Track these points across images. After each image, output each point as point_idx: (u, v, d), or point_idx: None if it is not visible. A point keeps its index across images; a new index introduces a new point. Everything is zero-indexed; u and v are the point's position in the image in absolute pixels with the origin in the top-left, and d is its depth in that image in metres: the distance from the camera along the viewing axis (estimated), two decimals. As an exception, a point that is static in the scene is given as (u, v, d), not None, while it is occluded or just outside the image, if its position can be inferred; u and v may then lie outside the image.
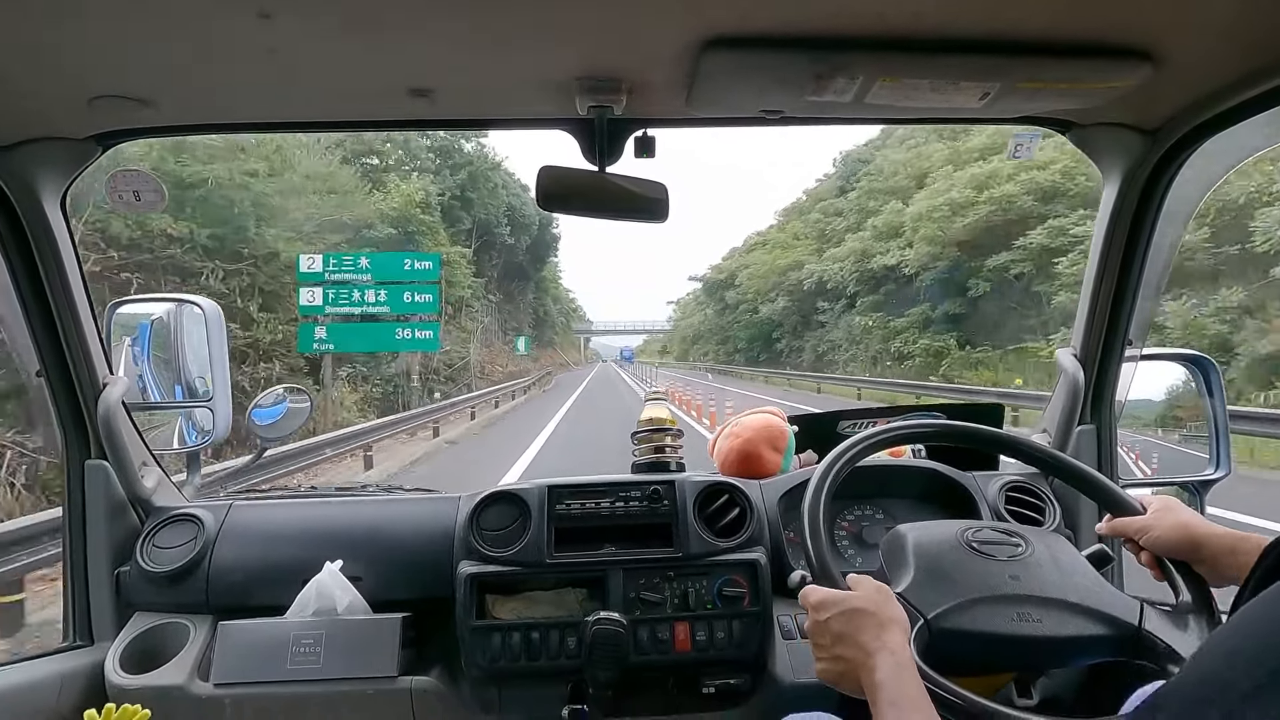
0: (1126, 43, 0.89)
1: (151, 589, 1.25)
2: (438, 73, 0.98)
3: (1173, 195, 1.21)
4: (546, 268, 51.99)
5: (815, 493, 0.94)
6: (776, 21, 0.83)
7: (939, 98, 0.95)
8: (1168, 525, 0.90)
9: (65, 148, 1.12)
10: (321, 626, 1.20)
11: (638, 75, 0.98)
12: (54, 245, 1.16)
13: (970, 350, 22.97)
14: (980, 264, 22.83)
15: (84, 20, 0.79)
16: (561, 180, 1.08)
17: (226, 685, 1.16)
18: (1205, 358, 1.51)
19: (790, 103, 1.01)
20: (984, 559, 0.90)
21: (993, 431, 1.12)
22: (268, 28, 0.81)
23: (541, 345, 53.02)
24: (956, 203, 23.67)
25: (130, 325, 1.45)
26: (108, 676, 1.17)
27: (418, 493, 1.52)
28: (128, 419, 1.30)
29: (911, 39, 0.86)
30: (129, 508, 1.30)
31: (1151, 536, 0.90)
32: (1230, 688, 0.44)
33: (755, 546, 1.26)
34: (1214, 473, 1.47)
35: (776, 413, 1.50)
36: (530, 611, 1.23)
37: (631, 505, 1.28)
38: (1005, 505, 1.34)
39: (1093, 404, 1.38)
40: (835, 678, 0.79)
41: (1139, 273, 1.28)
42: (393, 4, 0.78)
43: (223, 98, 1.07)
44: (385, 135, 21.50)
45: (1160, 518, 0.91)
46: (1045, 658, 0.90)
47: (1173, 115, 1.10)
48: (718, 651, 1.20)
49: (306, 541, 1.30)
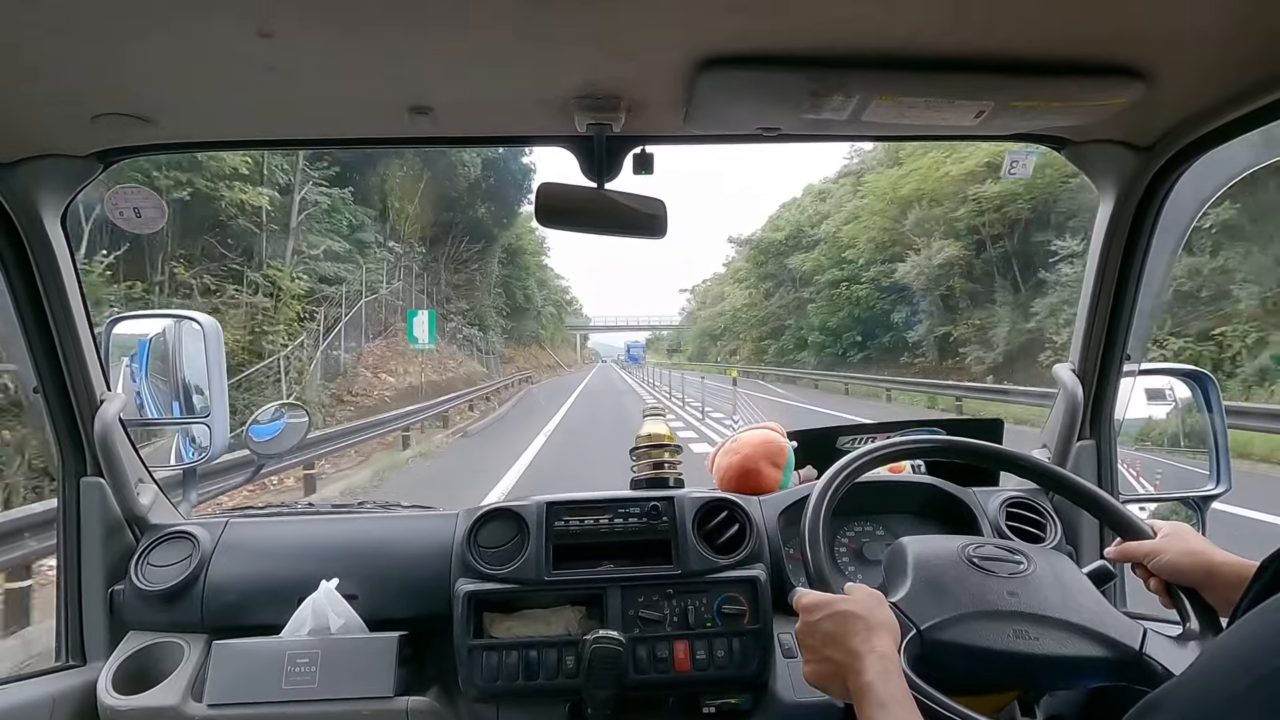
0: (1120, 61, 0.90)
1: (145, 608, 1.24)
2: (438, 90, 0.99)
3: (1168, 211, 1.22)
4: (522, 232, 36.92)
5: (815, 507, 0.94)
6: (773, 41, 0.84)
7: (935, 115, 0.96)
8: (1179, 551, 0.89)
9: (66, 165, 1.12)
10: (317, 646, 1.18)
11: (636, 93, 0.99)
12: (53, 262, 1.16)
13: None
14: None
15: (85, 38, 0.80)
16: (561, 196, 1.09)
17: (220, 706, 1.15)
18: (1204, 373, 1.51)
19: (787, 120, 1.02)
20: (983, 574, 0.90)
21: (995, 448, 1.12)
22: (268, 46, 0.82)
23: (519, 341, 41.45)
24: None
25: (129, 342, 1.45)
26: (100, 697, 1.15)
27: (415, 509, 1.51)
28: (124, 436, 1.30)
29: (907, 58, 0.87)
30: (124, 525, 1.29)
31: (1161, 561, 0.90)
32: (1221, 695, 0.45)
33: (755, 563, 1.25)
34: (1214, 488, 1.47)
35: (776, 428, 1.50)
36: (528, 630, 1.22)
37: (630, 522, 1.28)
38: (1006, 521, 1.33)
39: (1092, 419, 1.38)
40: (822, 680, 0.79)
41: (1136, 288, 1.28)
42: (393, 22, 0.79)
43: (223, 115, 1.08)
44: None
45: (1171, 543, 0.90)
46: (1042, 677, 0.89)
47: (1166, 132, 1.11)
48: (718, 670, 1.19)
49: (302, 559, 1.29)
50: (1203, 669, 0.50)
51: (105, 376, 1.28)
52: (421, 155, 21.80)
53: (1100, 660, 0.83)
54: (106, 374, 1.29)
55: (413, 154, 21.00)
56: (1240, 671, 0.45)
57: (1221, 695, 0.45)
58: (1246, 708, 0.42)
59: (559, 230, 1.12)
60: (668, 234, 1.13)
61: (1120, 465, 1.43)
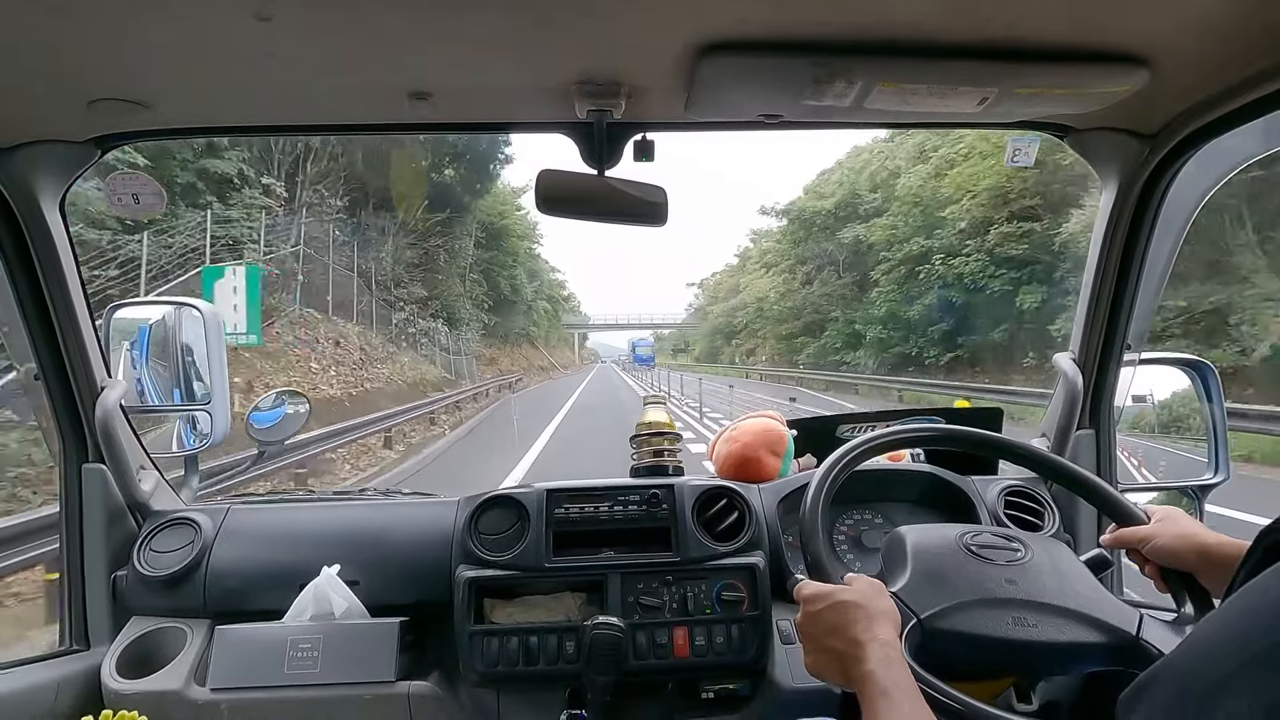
0: (1123, 48, 0.89)
1: (148, 593, 1.25)
2: (437, 76, 0.98)
3: (1170, 200, 1.21)
4: (507, 210, 31.40)
5: (814, 495, 0.94)
6: (774, 27, 0.83)
7: (937, 102, 0.95)
8: (1172, 535, 0.89)
9: (64, 150, 1.12)
10: (319, 631, 1.19)
11: (637, 80, 0.98)
12: (52, 248, 1.16)
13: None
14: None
15: (83, 23, 0.80)
16: (561, 183, 1.09)
17: (223, 690, 1.16)
18: (1204, 363, 1.51)
19: (789, 107, 1.02)
20: (982, 562, 0.90)
21: (994, 436, 1.12)
22: (267, 31, 0.81)
23: (506, 339, 35.24)
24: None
25: (129, 328, 1.45)
26: (104, 681, 1.16)
27: (416, 496, 1.52)
28: (125, 422, 1.30)
29: (910, 44, 0.86)
30: (126, 512, 1.30)
31: (1155, 546, 0.90)
32: (1212, 675, 0.45)
33: (754, 551, 1.26)
34: (1213, 477, 1.47)
35: (775, 416, 1.50)
36: (528, 616, 1.23)
37: (630, 509, 1.28)
38: (1004, 510, 1.34)
39: (1091, 408, 1.38)
40: (824, 669, 0.79)
41: (1137, 277, 1.28)
42: (392, 8, 0.78)
43: (222, 101, 1.07)
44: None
45: (1164, 528, 0.91)
46: (1041, 663, 0.90)
47: (1170, 120, 1.11)
48: (717, 656, 1.20)
49: (304, 545, 1.30)
50: (1193, 648, 0.50)
51: (106, 363, 1.29)
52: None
53: (1098, 646, 0.83)
54: (107, 361, 1.29)
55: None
56: (1232, 650, 0.45)
57: (1213, 676, 0.44)
58: (1237, 688, 0.42)
59: (559, 218, 1.12)
60: (668, 223, 1.12)
61: (1120, 453, 1.43)
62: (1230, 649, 0.45)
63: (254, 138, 11.01)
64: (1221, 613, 0.52)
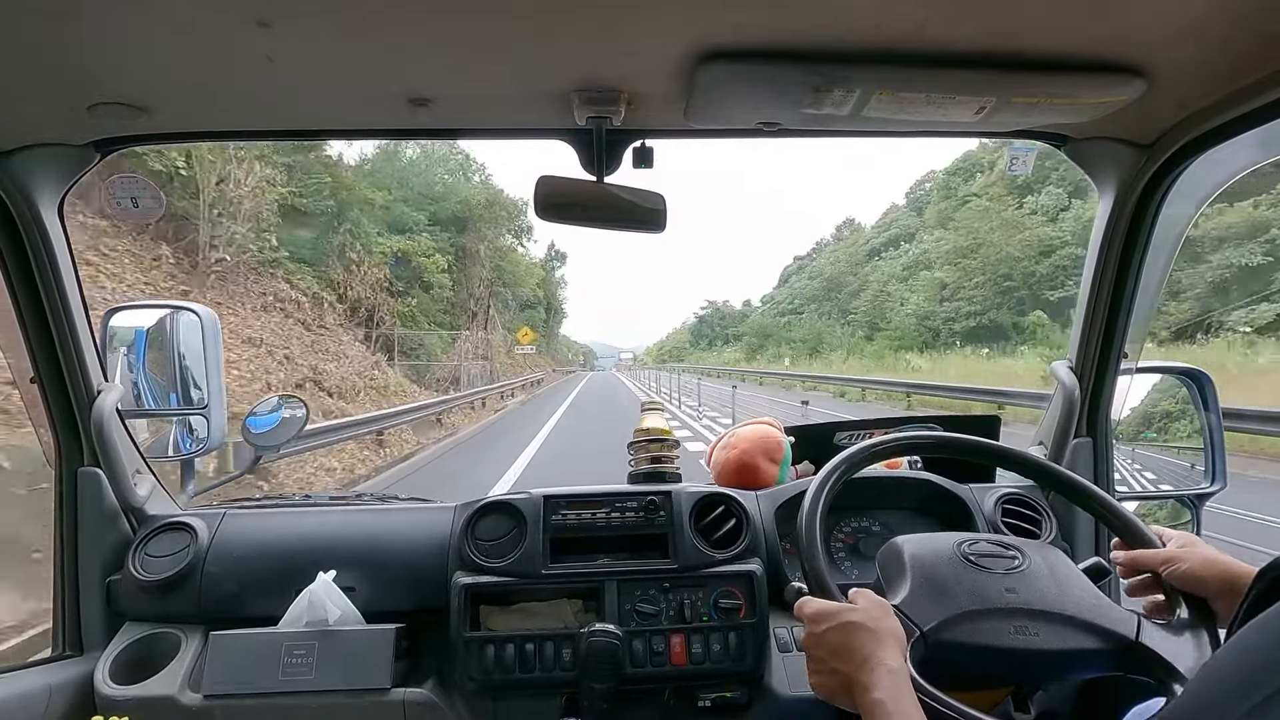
0: (1121, 59, 0.90)
1: (143, 598, 1.24)
2: (436, 82, 0.99)
3: (1167, 209, 1.22)
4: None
5: (812, 504, 0.94)
6: (773, 35, 0.84)
7: (936, 111, 0.96)
8: (1199, 561, 0.87)
9: (63, 154, 1.12)
10: (314, 637, 1.18)
11: (636, 87, 0.99)
12: (50, 251, 1.16)
13: None
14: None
15: (83, 27, 0.80)
16: (560, 190, 1.09)
17: (217, 696, 1.15)
18: (1201, 371, 1.51)
19: (787, 115, 1.02)
20: (981, 572, 0.90)
21: (993, 445, 1.12)
22: (266, 36, 0.82)
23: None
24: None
25: (126, 333, 1.45)
26: (97, 687, 1.15)
27: (412, 502, 1.51)
28: (121, 426, 1.30)
29: (909, 53, 0.86)
30: (121, 516, 1.29)
31: (1179, 571, 0.87)
32: (1221, 716, 0.45)
33: (752, 558, 1.26)
34: (1210, 485, 1.47)
35: (773, 423, 1.50)
36: (525, 623, 1.22)
37: (628, 516, 1.28)
38: (1002, 518, 1.33)
39: (1089, 417, 1.39)
40: (830, 692, 0.78)
41: (1134, 286, 1.28)
42: (391, 13, 0.78)
43: (221, 105, 1.07)
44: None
45: (1189, 553, 0.89)
46: (1042, 671, 0.89)
47: (1167, 130, 1.11)
48: (714, 664, 1.19)
49: (300, 551, 1.29)
50: (1202, 689, 0.50)
51: (102, 367, 1.28)
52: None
53: (1098, 651, 0.83)
54: (104, 364, 1.29)
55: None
56: (1240, 694, 0.44)
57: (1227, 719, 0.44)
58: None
59: (558, 224, 1.12)
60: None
61: (1116, 461, 1.43)
62: (1238, 695, 0.45)
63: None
64: (1226, 653, 0.52)
